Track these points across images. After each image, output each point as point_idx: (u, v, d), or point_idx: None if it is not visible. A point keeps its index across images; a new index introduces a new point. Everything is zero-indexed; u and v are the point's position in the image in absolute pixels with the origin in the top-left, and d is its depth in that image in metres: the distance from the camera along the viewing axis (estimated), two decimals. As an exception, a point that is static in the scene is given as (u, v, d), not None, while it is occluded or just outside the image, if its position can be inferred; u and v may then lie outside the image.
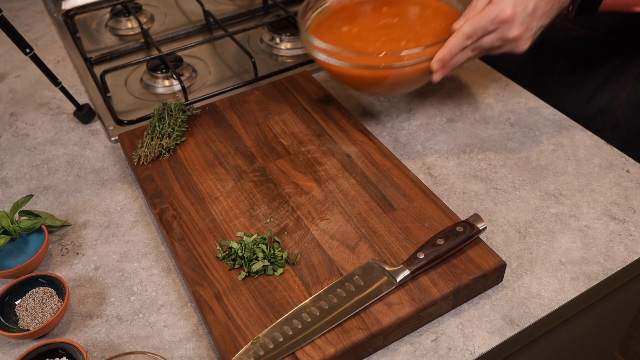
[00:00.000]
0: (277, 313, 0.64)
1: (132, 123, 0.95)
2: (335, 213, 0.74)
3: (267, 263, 0.68)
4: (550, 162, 0.84)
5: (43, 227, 0.75)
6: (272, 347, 0.60)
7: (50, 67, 1.03)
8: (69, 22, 1.20)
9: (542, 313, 0.67)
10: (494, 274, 0.67)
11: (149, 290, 0.71)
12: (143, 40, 1.13)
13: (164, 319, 0.68)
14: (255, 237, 0.71)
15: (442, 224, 0.71)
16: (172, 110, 0.88)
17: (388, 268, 0.65)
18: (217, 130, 0.88)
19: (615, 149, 0.85)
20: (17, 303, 0.69)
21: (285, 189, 0.78)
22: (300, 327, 0.61)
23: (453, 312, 0.67)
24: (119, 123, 0.95)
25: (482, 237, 0.72)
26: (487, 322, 0.66)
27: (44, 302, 0.69)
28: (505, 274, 0.70)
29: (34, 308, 0.68)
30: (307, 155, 0.83)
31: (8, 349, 0.67)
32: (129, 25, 1.20)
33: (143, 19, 1.21)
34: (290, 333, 0.61)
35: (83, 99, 1.02)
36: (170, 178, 0.81)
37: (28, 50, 0.88)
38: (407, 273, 0.64)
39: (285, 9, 1.14)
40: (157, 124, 0.86)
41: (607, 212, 0.77)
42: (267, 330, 0.61)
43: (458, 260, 0.67)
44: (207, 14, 1.15)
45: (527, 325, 0.66)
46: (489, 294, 0.69)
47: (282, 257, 0.68)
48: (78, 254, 0.76)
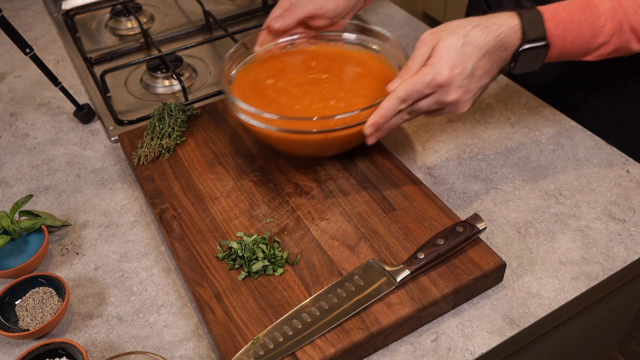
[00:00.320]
0: (277, 313, 0.64)
1: (132, 123, 0.95)
2: (335, 213, 0.74)
3: (267, 263, 0.68)
4: (550, 162, 0.84)
5: (43, 227, 0.75)
6: (272, 347, 0.60)
7: (50, 67, 1.03)
8: (69, 22, 1.20)
9: (542, 313, 0.67)
10: (494, 274, 0.67)
11: (149, 290, 0.71)
12: (143, 40, 1.13)
13: (164, 319, 0.68)
14: (255, 237, 0.71)
15: (442, 224, 0.71)
16: (172, 110, 0.88)
17: (388, 268, 0.65)
18: (217, 130, 0.88)
19: (615, 149, 0.85)
20: (17, 303, 0.69)
21: (285, 189, 0.78)
22: (300, 327, 0.61)
23: (453, 312, 0.67)
24: (119, 123, 0.95)
25: (482, 237, 0.72)
26: (487, 322, 0.66)
27: (44, 302, 0.69)
28: (505, 274, 0.70)
29: (34, 308, 0.68)
30: (307, 155, 0.83)
31: (8, 349, 0.67)
32: (129, 25, 1.20)
33: (143, 19, 1.21)
34: (290, 333, 0.61)
35: (83, 99, 1.02)
36: (170, 178, 0.81)
37: (28, 50, 0.88)
38: (407, 273, 0.64)
39: (285, 9, 1.14)
40: (157, 124, 0.86)
41: (607, 212, 0.77)
42: (267, 330, 0.61)
43: (458, 260, 0.67)
44: (207, 14, 1.15)
45: (527, 325, 0.66)
46: (489, 294, 0.69)
47: (282, 257, 0.68)
48: (78, 254, 0.76)
